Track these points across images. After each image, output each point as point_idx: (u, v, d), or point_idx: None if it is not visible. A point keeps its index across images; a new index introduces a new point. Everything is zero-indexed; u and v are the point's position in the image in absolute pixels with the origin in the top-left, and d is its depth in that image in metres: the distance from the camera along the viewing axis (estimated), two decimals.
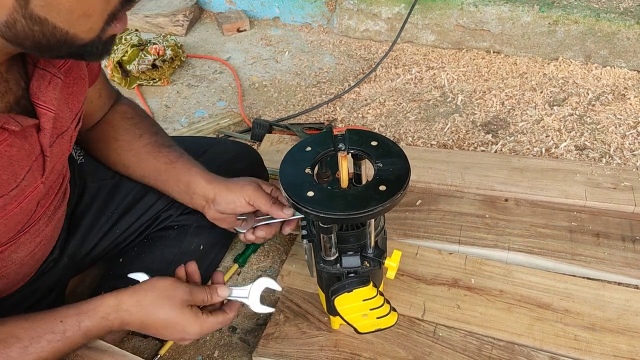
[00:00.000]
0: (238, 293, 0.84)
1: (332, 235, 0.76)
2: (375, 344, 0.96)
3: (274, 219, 0.90)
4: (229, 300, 0.85)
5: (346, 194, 0.74)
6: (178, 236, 1.04)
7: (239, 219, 0.96)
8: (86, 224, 0.99)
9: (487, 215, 1.19)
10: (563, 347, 0.93)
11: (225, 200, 0.91)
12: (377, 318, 0.81)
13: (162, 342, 1.04)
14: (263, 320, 1.07)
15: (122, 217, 1.02)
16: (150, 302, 0.76)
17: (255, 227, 0.93)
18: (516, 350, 0.94)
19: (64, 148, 0.80)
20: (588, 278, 1.06)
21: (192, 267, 0.86)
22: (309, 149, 0.81)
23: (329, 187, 0.77)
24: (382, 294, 0.80)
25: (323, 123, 1.57)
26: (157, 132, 0.99)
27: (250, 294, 0.84)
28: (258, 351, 0.97)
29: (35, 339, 0.70)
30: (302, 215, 0.85)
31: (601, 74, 1.68)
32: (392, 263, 0.80)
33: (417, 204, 1.23)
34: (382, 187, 0.72)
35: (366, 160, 0.82)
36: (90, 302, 0.75)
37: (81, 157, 1.02)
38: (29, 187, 0.74)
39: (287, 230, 0.91)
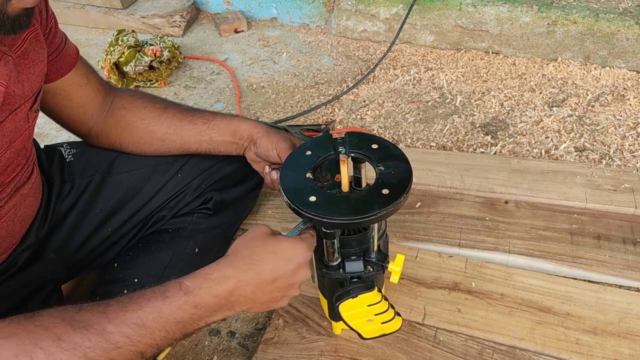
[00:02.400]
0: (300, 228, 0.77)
1: (335, 241, 0.75)
2: (376, 349, 0.95)
3: None
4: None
5: (349, 198, 0.73)
6: (173, 239, 1.04)
7: (271, 172, 1.00)
8: (72, 219, 0.99)
9: (487, 218, 1.18)
10: (565, 351, 0.93)
11: (262, 145, 0.98)
12: (382, 323, 0.80)
13: None
14: (262, 325, 1.06)
15: (113, 215, 1.02)
16: (244, 247, 0.69)
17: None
18: (517, 354, 0.93)
19: (19, 126, 0.80)
20: (589, 281, 1.06)
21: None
22: (308, 153, 0.80)
23: (330, 191, 0.76)
24: (386, 299, 0.79)
25: (321, 124, 1.56)
26: (176, 103, 1.04)
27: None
28: (257, 356, 0.96)
29: (134, 298, 0.63)
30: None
31: (600, 75, 1.67)
32: (395, 267, 0.80)
33: (417, 206, 1.22)
34: (385, 191, 0.72)
35: (366, 163, 0.81)
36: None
37: (70, 156, 1.02)
38: None
39: None
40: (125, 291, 1.00)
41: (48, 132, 1.65)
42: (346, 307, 0.78)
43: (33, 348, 0.56)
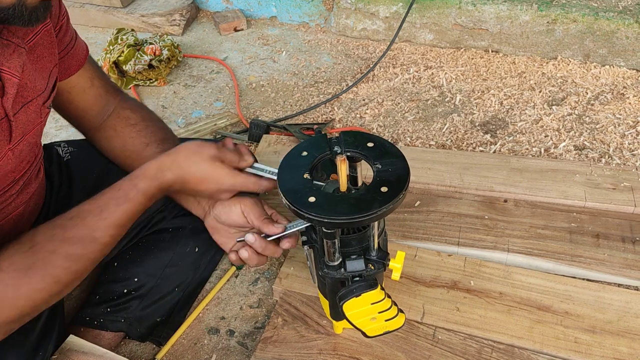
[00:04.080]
0: (261, 169, 0.89)
1: (336, 240, 0.75)
2: (375, 348, 0.95)
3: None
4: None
5: (348, 197, 0.73)
6: (172, 239, 1.04)
7: (238, 241, 0.93)
8: None
9: (486, 217, 1.18)
10: (563, 349, 0.93)
11: (223, 206, 0.93)
12: (386, 321, 0.80)
13: (159, 346, 1.03)
14: (261, 324, 1.06)
15: None
16: (183, 158, 0.83)
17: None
18: (516, 353, 0.93)
19: (32, 120, 0.81)
20: (588, 280, 1.06)
21: (237, 145, 0.93)
22: (305, 153, 0.80)
23: (328, 191, 0.76)
24: (389, 296, 0.79)
25: (322, 123, 1.56)
26: (163, 139, 0.99)
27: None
28: (256, 355, 0.96)
29: (103, 206, 0.78)
30: (298, 228, 0.84)
31: (600, 73, 1.67)
32: (396, 264, 0.80)
33: (416, 205, 1.22)
34: (384, 189, 0.72)
35: (362, 162, 0.81)
36: (137, 169, 0.82)
37: (68, 155, 1.02)
38: None
39: (287, 245, 0.89)
40: (125, 291, 1.00)
41: (47, 130, 1.65)
42: (350, 306, 0.78)
43: (53, 270, 0.73)
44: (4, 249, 0.73)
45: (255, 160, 0.91)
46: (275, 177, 0.83)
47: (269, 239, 0.87)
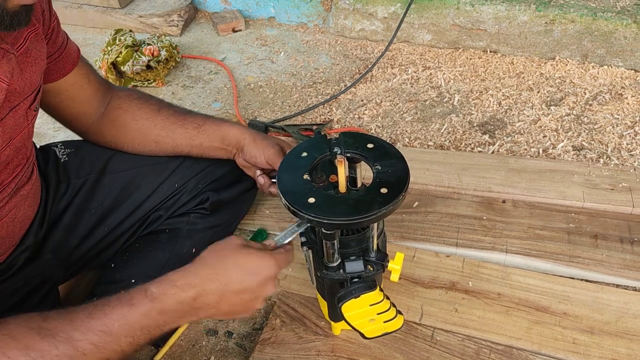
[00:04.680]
0: (284, 237, 0.79)
1: (335, 241, 0.75)
2: (373, 349, 0.95)
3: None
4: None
5: (348, 198, 0.73)
6: (170, 239, 1.04)
7: (259, 177, 1.02)
8: (68, 219, 0.99)
9: (484, 217, 1.18)
10: (561, 350, 0.93)
11: (249, 151, 0.99)
12: (384, 322, 0.81)
13: (157, 348, 1.03)
14: (259, 325, 1.06)
15: (108, 214, 1.02)
16: (213, 257, 0.70)
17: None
18: (514, 354, 0.93)
19: (19, 124, 0.81)
20: (586, 280, 1.06)
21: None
22: (304, 154, 0.80)
23: (327, 192, 0.76)
24: (387, 298, 0.79)
25: (321, 124, 1.56)
26: (170, 104, 1.04)
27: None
28: (254, 356, 0.96)
29: (99, 304, 0.64)
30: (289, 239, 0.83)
31: (598, 74, 1.67)
32: (395, 266, 0.80)
33: (414, 205, 1.22)
34: (384, 190, 0.72)
35: (361, 163, 0.81)
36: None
37: (65, 156, 1.02)
38: None
39: (274, 190, 0.95)
40: (122, 292, 1.00)
41: (46, 132, 1.65)
42: (349, 308, 0.78)
43: (1, 357, 0.57)
44: None
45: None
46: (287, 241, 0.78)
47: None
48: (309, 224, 0.77)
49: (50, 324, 0.61)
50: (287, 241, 0.79)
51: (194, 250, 1.06)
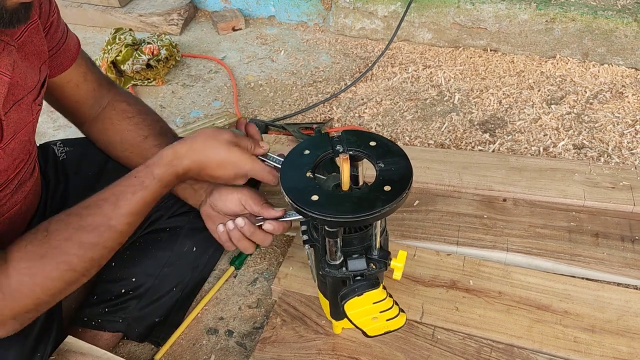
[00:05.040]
0: (274, 159, 0.89)
1: (338, 239, 0.75)
2: (374, 348, 0.95)
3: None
4: None
5: (351, 196, 0.73)
6: (170, 238, 1.03)
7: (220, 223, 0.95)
8: None
9: (485, 216, 1.18)
10: (562, 349, 0.92)
11: (220, 193, 0.93)
12: (387, 320, 0.80)
13: (158, 347, 1.03)
14: (260, 324, 1.06)
15: None
16: (200, 144, 0.84)
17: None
18: (515, 352, 0.93)
19: (23, 118, 0.81)
20: (587, 279, 1.06)
21: (253, 128, 0.93)
22: (307, 152, 0.80)
23: (331, 190, 0.76)
24: (390, 296, 0.79)
25: (321, 122, 1.56)
26: (160, 132, 1.00)
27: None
28: (255, 355, 0.96)
29: (119, 194, 0.78)
30: (298, 217, 0.84)
31: (599, 72, 1.67)
32: (398, 263, 0.80)
33: (415, 204, 1.22)
34: (387, 188, 0.72)
35: (363, 161, 0.81)
36: (153, 157, 0.83)
37: (63, 154, 1.02)
38: None
39: (269, 227, 0.89)
40: (123, 290, 1.00)
41: (46, 130, 1.65)
42: (351, 306, 0.78)
43: (67, 257, 0.74)
44: (19, 239, 0.73)
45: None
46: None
47: (259, 224, 0.88)
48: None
49: (87, 221, 0.76)
50: (295, 217, 0.86)
51: (194, 249, 1.06)
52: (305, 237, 0.82)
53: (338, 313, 0.86)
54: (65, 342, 0.90)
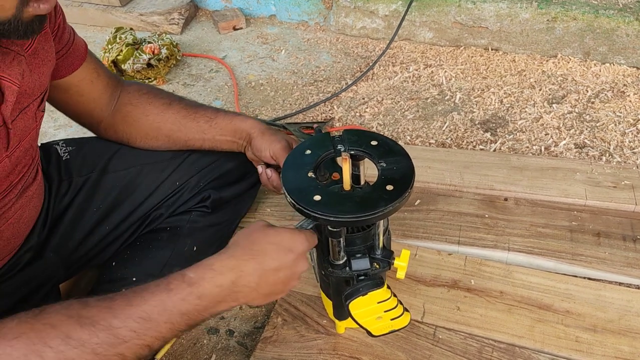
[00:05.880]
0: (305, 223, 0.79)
1: (341, 239, 0.74)
2: (375, 347, 0.94)
3: None
4: None
5: (353, 195, 0.73)
6: (170, 237, 1.03)
7: (264, 171, 1.05)
8: (70, 217, 0.99)
9: (486, 215, 1.18)
10: (564, 348, 0.92)
11: (256, 145, 1.00)
12: (391, 319, 0.80)
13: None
14: (261, 324, 1.06)
15: (110, 213, 1.02)
16: (245, 239, 0.70)
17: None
18: (517, 352, 0.93)
19: (28, 125, 0.81)
20: (589, 278, 1.05)
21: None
22: (308, 152, 0.79)
23: (333, 190, 0.76)
24: (395, 295, 0.79)
25: (322, 122, 1.56)
26: (181, 98, 1.04)
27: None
28: (256, 355, 0.95)
29: (138, 291, 0.64)
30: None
31: (600, 71, 1.66)
32: (401, 263, 0.79)
33: (416, 204, 1.22)
34: (390, 187, 0.71)
35: (365, 160, 0.81)
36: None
37: (67, 154, 1.02)
38: None
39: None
40: (124, 290, 0.99)
41: (46, 130, 1.65)
42: (356, 305, 0.78)
43: (42, 347, 0.57)
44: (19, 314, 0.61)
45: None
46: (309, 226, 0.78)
47: None
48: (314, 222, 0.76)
49: (90, 312, 0.61)
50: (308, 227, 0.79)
51: (194, 248, 1.05)
52: None
53: (342, 313, 0.86)
54: None
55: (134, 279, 1.00)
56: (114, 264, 1.02)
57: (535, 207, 1.19)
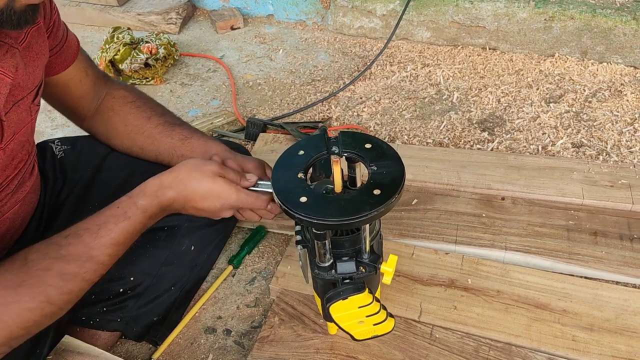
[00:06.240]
0: (265, 186, 0.87)
1: (327, 242, 0.74)
2: (372, 347, 0.94)
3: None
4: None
5: (339, 199, 0.72)
6: (168, 237, 1.03)
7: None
8: (66, 215, 0.99)
9: (483, 215, 1.18)
10: (561, 347, 0.92)
11: (230, 164, 0.94)
12: (374, 325, 0.80)
13: (156, 346, 1.02)
14: (258, 323, 1.06)
15: None
16: (185, 174, 0.82)
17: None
18: (514, 351, 0.93)
19: (22, 118, 0.81)
20: (586, 277, 1.06)
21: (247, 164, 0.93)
22: (301, 152, 0.79)
23: (323, 192, 0.75)
24: (378, 300, 0.78)
25: (319, 121, 1.56)
26: (163, 112, 1.04)
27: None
28: (253, 354, 0.96)
29: (101, 224, 0.76)
30: (269, 190, 0.84)
31: (597, 70, 1.67)
32: (388, 268, 0.79)
33: (413, 203, 1.22)
34: (377, 191, 0.71)
35: (360, 163, 0.80)
36: (137, 187, 0.81)
37: (61, 152, 1.02)
38: None
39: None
40: (121, 290, 0.99)
41: (44, 130, 1.65)
42: (337, 309, 0.77)
43: (45, 287, 0.70)
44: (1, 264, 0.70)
45: (261, 178, 0.88)
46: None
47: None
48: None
49: (68, 250, 0.74)
50: (267, 189, 0.84)
51: (192, 247, 1.05)
52: (298, 237, 0.81)
53: (326, 315, 0.85)
54: (62, 341, 0.90)
55: (132, 278, 1.00)
56: None
57: (532, 207, 1.19)
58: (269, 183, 0.82)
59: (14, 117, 0.78)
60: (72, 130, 1.53)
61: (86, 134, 1.08)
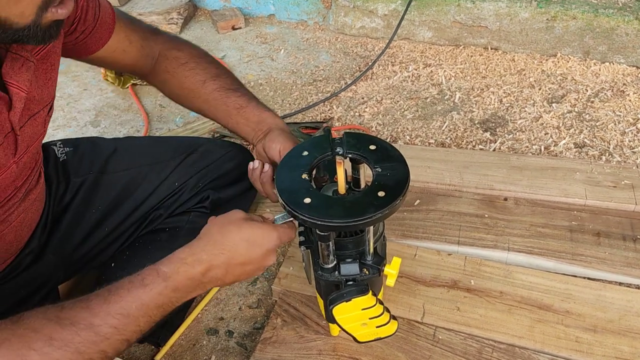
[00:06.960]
0: (283, 217, 0.79)
1: (330, 243, 0.74)
2: (375, 348, 0.94)
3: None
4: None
5: (344, 200, 0.72)
6: (170, 238, 1.03)
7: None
8: (69, 218, 0.99)
9: (486, 215, 1.17)
10: (564, 349, 0.92)
11: (271, 138, 0.92)
12: (377, 327, 0.79)
13: (158, 347, 1.02)
14: (260, 324, 1.06)
15: (109, 214, 1.01)
16: (218, 232, 0.73)
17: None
18: (517, 352, 0.93)
19: (37, 131, 0.81)
20: (589, 278, 1.05)
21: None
22: (306, 153, 0.79)
23: (328, 193, 0.75)
24: (381, 302, 0.78)
25: (321, 122, 1.56)
26: (218, 74, 1.02)
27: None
28: (255, 356, 0.95)
29: (113, 289, 0.66)
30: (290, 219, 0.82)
31: (600, 70, 1.66)
32: (391, 270, 0.78)
33: (415, 204, 1.22)
34: (381, 193, 0.70)
35: (365, 164, 0.80)
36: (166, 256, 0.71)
37: (63, 155, 1.02)
38: (2, 167, 0.74)
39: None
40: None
41: None
42: (340, 311, 0.77)
43: (27, 351, 0.58)
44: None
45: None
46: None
47: None
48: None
49: (68, 314, 0.62)
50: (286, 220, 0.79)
51: None
52: (301, 238, 0.81)
53: (329, 316, 0.85)
54: None
55: None
56: (113, 264, 1.02)
57: (535, 207, 1.19)
58: (284, 213, 0.78)
59: (28, 130, 0.78)
60: (74, 130, 1.53)
61: (89, 134, 1.08)
